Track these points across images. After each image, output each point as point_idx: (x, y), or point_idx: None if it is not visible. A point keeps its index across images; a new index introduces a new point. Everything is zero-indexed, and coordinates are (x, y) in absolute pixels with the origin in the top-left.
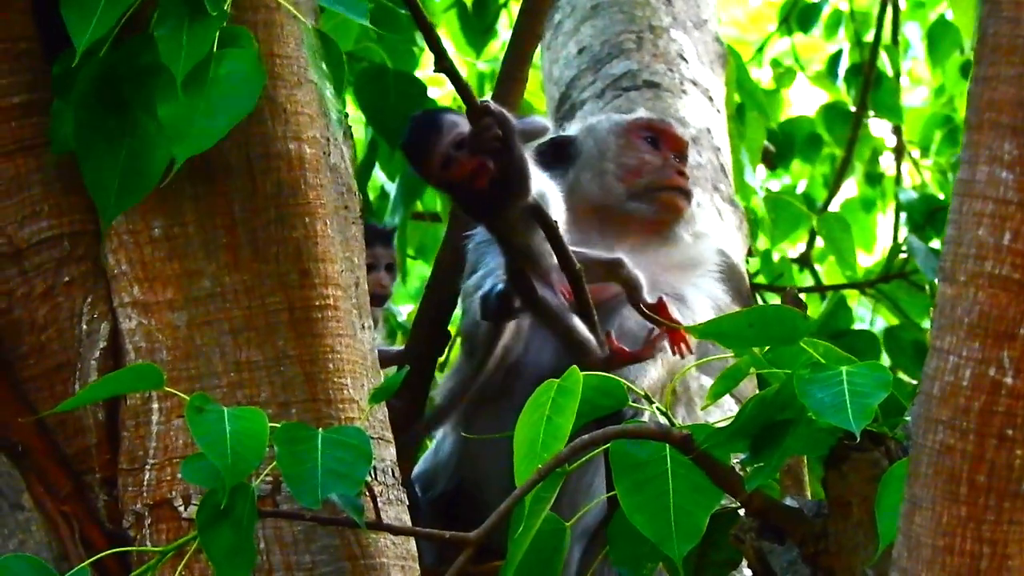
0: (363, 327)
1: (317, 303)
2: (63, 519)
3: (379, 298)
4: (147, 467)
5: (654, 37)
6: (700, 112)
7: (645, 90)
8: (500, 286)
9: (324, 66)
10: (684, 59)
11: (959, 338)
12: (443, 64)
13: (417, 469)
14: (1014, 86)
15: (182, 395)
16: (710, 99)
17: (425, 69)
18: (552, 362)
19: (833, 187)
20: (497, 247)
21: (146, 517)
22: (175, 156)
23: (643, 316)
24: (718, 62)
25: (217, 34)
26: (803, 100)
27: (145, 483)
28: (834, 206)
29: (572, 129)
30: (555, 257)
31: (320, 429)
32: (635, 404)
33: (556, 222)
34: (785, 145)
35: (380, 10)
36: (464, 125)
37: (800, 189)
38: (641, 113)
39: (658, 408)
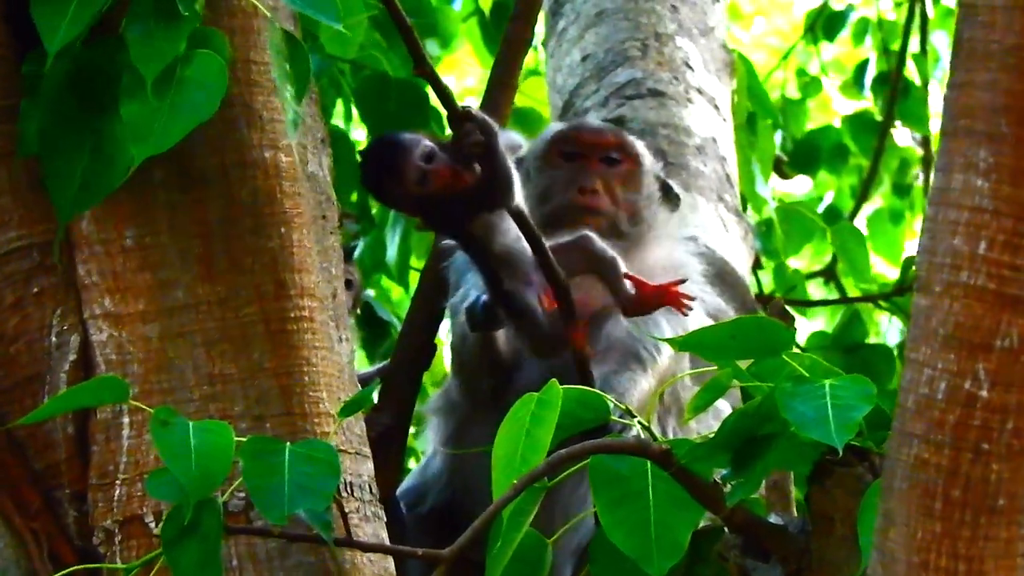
0: (340, 339)
1: (293, 315)
2: (32, 536)
3: None
4: (117, 482)
5: (659, 45)
6: (706, 121)
7: (649, 98)
8: (485, 296)
9: (288, 67)
10: (690, 67)
11: (934, 350)
12: (423, 68)
13: (405, 485)
14: (989, 92)
15: (152, 409)
16: (716, 108)
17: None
18: (544, 374)
19: (859, 198)
20: (472, 262)
21: (116, 533)
22: (133, 156)
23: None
24: (725, 70)
25: (188, 36)
26: (845, 111)
27: (115, 499)
28: (861, 217)
29: None
30: (534, 262)
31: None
32: (620, 419)
33: (538, 229)
34: (810, 155)
35: (387, 17)
36: (423, 139)
37: (827, 200)
38: (556, 126)
39: (640, 422)
